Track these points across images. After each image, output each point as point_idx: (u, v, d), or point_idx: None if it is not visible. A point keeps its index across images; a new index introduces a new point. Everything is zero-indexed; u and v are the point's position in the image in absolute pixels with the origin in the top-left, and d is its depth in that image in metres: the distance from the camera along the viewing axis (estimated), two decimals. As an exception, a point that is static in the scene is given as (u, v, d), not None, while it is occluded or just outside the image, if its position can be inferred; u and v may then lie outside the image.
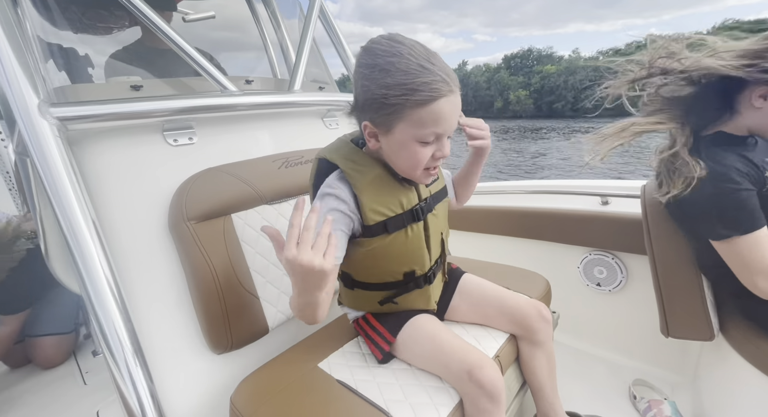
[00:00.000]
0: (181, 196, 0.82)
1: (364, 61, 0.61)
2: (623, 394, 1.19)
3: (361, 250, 0.71)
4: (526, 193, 1.63)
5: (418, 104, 0.58)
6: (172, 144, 0.91)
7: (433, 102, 0.58)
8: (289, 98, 1.12)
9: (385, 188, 0.69)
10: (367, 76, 0.61)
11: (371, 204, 0.68)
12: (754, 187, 0.77)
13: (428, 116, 0.59)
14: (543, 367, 0.86)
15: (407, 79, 0.57)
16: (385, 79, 0.58)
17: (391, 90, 0.58)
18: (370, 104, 0.62)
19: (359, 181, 0.67)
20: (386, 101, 0.59)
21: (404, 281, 0.77)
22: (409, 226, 0.72)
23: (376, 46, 0.61)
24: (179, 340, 0.81)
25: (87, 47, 1.29)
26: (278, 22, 1.67)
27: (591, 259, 1.39)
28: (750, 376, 0.82)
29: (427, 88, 0.57)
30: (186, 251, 0.80)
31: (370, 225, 0.68)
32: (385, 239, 0.70)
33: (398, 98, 0.58)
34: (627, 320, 1.33)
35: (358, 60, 0.63)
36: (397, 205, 0.70)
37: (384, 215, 0.69)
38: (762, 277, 0.77)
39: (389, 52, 0.59)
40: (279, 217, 0.99)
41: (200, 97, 0.92)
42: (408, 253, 0.74)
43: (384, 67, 0.58)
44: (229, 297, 0.81)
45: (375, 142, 0.66)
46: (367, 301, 0.81)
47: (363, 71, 0.62)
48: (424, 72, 0.57)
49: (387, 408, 0.64)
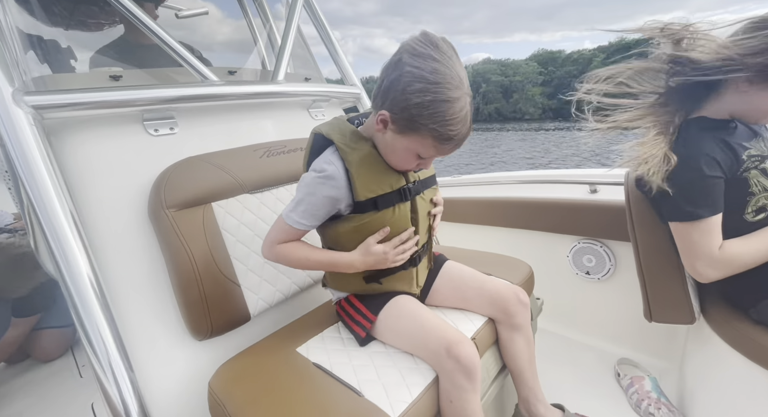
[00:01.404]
0: (160, 185, 0.83)
1: (415, 62, 0.59)
2: (612, 380, 1.19)
3: (349, 226, 0.74)
4: (516, 183, 1.63)
5: (437, 136, 0.62)
6: (153, 134, 0.91)
7: (450, 142, 0.63)
8: (272, 89, 1.13)
9: (375, 167, 0.72)
10: (411, 81, 0.59)
11: (363, 180, 0.70)
12: (724, 173, 0.77)
13: (438, 148, 0.65)
14: (522, 351, 0.86)
15: (442, 112, 0.59)
16: (426, 96, 0.59)
17: (425, 110, 0.59)
18: (398, 103, 0.61)
19: (352, 157, 0.70)
20: (415, 114, 0.60)
21: None
22: (397, 205, 0.74)
23: (431, 52, 0.59)
24: (160, 327, 0.82)
25: (72, 42, 1.30)
26: (266, 14, 1.67)
27: (580, 247, 1.38)
28: (730, 357, 0.82)
29: (453, 129, 0.61)
30: (165, 239, 0.81)
31: (361, 200, 0.71)
32: (374, 216, 0.73)
33: (427, 128, 0.61)
34: (616, 307, 1.33)
35: (408, 50, 0.60)
36: (386, 185, 0.72)
37: (374, 192, 0.71)
38: (701, 263, 0.80)
39: (440, 71, 0.59)
40: (261, 206, 1.00)
41: (181, 86, 0.93)
42: (393, 232, 0.76)
43: (429, 84, 0.58)
44: (208, 284, 0.82)
45: (382, 128, 0.67)
46: (351, 280, 0.82)
47: (411, 71, 0.59)
48: (458, 114, 0.60)
49: (359, 387, 0.65)
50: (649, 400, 1.04)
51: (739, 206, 0.79)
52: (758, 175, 0.77)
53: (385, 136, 0.68)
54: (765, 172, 0.77)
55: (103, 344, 0.68)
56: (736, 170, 0.78)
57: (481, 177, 1.77)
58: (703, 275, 0.81)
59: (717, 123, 0.83)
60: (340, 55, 1.51)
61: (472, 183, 1.74)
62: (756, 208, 0.78)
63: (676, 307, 0.94)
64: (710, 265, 0.79)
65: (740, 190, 0.78)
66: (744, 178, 0.78)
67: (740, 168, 0.78)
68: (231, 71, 1.18)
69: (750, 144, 0.80)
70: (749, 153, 0.78)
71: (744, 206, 0.79)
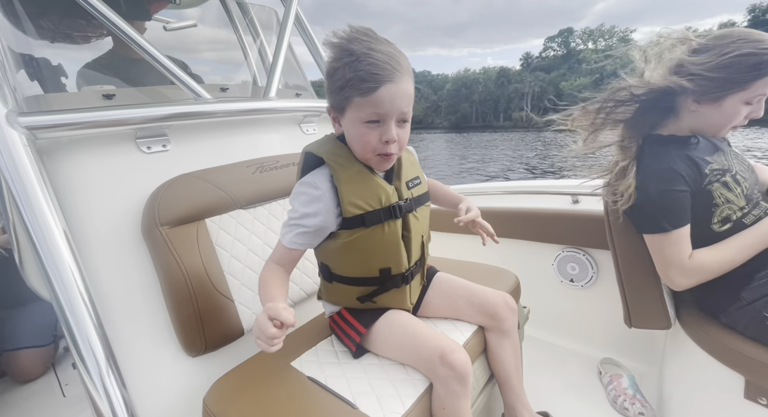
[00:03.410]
0: (153, 202, 0.83)
1: (328, 53, 0.68)
2: (596, 382, 1.23)
3: (338, 242, 0.75)
4: (503, 194, 1.68)
5: (361, 91, 0.65)
6: (146, 151, 0.92)
7: (375, 89, 0.64)
8: (264, 105, 1.15)
9: (364, 183, 0.73)
10: (328, 68, 0.69)
11: (350, 197, 0.71)
12: (688, 187, 0.83)
13: (369, 100, 0.65)
14: (509, 356, 0.90)
15: (354, 69, 0.64)
16: (337, 67, 0.66)
17: (340, 80, 0.66)
18: (329, 91, 0.70)
19: (341, 174, 0.72)
20: (339, 88, 0.67)
21: (381, 279, 0.79)
22: (387, 222, 0.75)
23: (335, 39, 0.67)
24: (153, 344, 0.83)
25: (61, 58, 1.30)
26: (256, 29, 1.70)
27: (564, 255, 1.44)
28: (703, 361, 0.87)
29: (369, 77, 0.64)
30: (159, 256, 0.81)
31: (348, 217, 0.72)
32: (363, 233, 0.73)
33: (347, 87, 0.65)
34: (598, 314, 1.38)
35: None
36: (375, 201, 0.73)
37: (362, 209, 0.72)
38: (674, 271, 0.85)
39: (344, 43, 0.66)
40: (254, 222, 1.01)
41: (173, 104, 0.94)
42: (383, 250, 0.77)
43: (337, 58, 0.66)
44: (202, 300, 0.82)
45: (338, 126, 0.74)
46: (345, 296, 0.83)
47: (326, 65, 0.70)
48: (369, 59, 0.63)
49: (354, 400, 0.67)
50: (624, 396, 1.09)
51: (705, 217, 0.85)
52: (720, 188, 0.83)
53: (344, 131, 0.73)
54: (726, 185, 0.83)
55: (96, 362, 0.68)
56: (700, 184, 0.84)
57: (469, 187, 1.81)
58: (676, 283, 0.86)
59: (680, 139, 0.89)
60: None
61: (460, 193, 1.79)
62: (721, 218, 0.84)
63: (654, 314, 0.99)
64: (682, 273, 0.84)
65: (705, 202, 0.84)
66: (708, 190, 0.83)
67: (704, 181, 0.83)
68: (223, 88, 1.20)
69: (712, 158, 0.87)
70: (711, 167, 0.84)
71: (710, 217, 0.85)
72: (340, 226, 0.74)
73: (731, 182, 0.84)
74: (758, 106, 0.82)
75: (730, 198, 0.83)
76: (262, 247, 1.00)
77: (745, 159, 0.93)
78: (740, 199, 0.83)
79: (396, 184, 0.78)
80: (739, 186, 0.84)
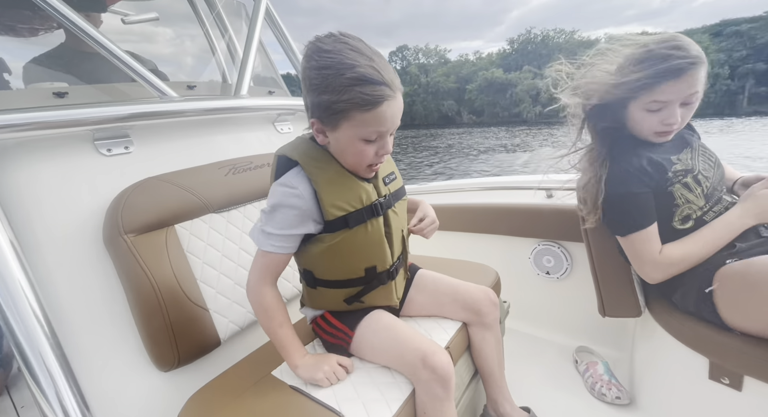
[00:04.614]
0: (116, 209, 0.78)
1: (313, 62, 0.63)
2: (574, 374, 1.28)
3: (322, 246, 0.72)
4: (480, 190, 1.71)
5: (363, 108, 0.61)
6: (106, 154, 0.86)
7: (377, 106, 0.62)
8: (235, 104, 1.10)
9: (344, 184, 0.71)
10: (315, 77, 0.63)
11: (331, 199, 0.69)
12: (651, 188, 0.88)
13: (372, 118, 0.63)
14: (492, 351, 0.91)
15: (353, 84, 0.60)
16: (332, 81, 0.60)
17: (338, 94, 0.61)
18: (318, 104, 0.64)
19: (319, 176, 0.69)
20: (334, 103, 0.62)
21: (367, 278, 0.78)
22: (369, 221, 0.73)
23: (323, 45, 0.62)
24: (120, 361, 0.77)
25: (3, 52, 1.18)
26: (224, 25, 1.62)
27: (540, 249, 1.48)
28: (670, 345, 0.92)
29: (372, 93, 0.60)
30: (123, 266, 0.76)
31: (330, 220, 0.70)
32: (346, 234, 0.72)
33: (345, 103, 0.61)
34: (573, 304, 1.43)
35: (305, 58, 0.64)
36: (357, 201, 0.71)
37: (344, 210, 0.70)
38: (649, 267, 0.89)
39: (335, 53, 0.61)
40: (228, 226, 0.97)
41: (135, 103, 0.88)
42: (368, 248, 0.75)
43: (331, 70, 0.60)
44: (173, 311, 0.78)
45: (323, 137, 0.69)
46: (331, 300, 0.81)
47: (311, 72, 0.63)
48: (369, 77, 0.60)
49: (339, 408, 0.65)
50: (601, 383, 1.14)
51: (667, 216, 0.90)
52: (681, 189, 0.88)
53: (331, 143, 0.69)
54: (687, 186, 0.88)
55: (53, 384, 0.63)
56: (662, 185, 0.88)
57: (447, 184, 1.83)
58: (651, 277, 0.91)
59: (641, 141, 0.93)
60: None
61: (438, 191, 1.80)
62: (681, 217, 0.89)
63: (625, 303, 1.04)
64: (655, 269, 0.89)
65: (667, 201, 0.89)
66: (669, 191, 0.88)
67: (666, 183, 0.88)
68: (190, 86, 1.14)
69: (678, 157, 0.91)
70: (675, 168, 0.88)
71: (671, 216, 0.89)
72: (322, 230, 0.72)
73: (692, 183, 0.88)
74: (667, 112, 0.84)
75: (690, 198, 0.88)
76: (238, 252, 0.96)
77: (713, 155, 0.97)
78: (700, 199, 0.88)
79: (374, 182, 0.76)
80: (700, 186, 0.88)
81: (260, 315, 0.74)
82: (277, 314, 0.74)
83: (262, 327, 0.75)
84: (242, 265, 0.96)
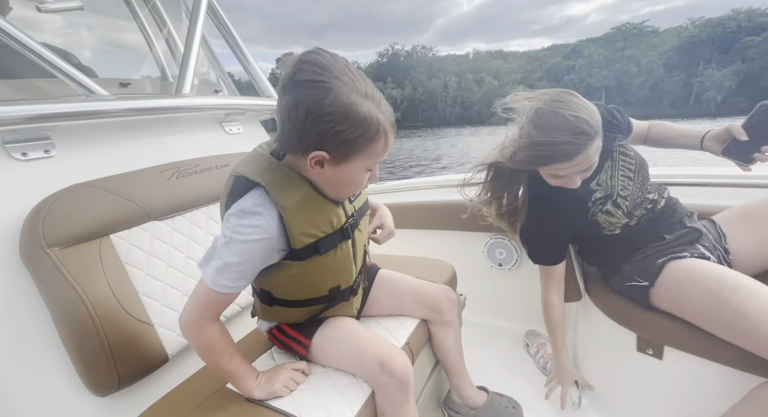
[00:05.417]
0: (35, 220, 0.69)
1: (310, 92, 0.54)
2: (526, 356, 1.37)
3: (288, 273, 0.68)
4: (435, 188, 1.76)
5: (375, 139, 0.59)
6: (21, 159, 0.76)
7: (385, 135, 0.60)
8: (177, 103, 1.03)
9: (314, 207, 0.65)
10: (316, 110, 0.54)
11: (301, 226, 0.63)
12: (575, 222, 0.99)
13: (381, 148, 0.61)
14: (452, 344, 0.95)
15: (363, 117, 0.56)
16: (340, 115, 0.55)
17: (349, 128, 0.56)
18: (323, 136, 0.56)
19: (287, 201, 0.61)
20: (346, 137, 0.57)
21: (330, 297, 0.76)
22: (340, 245, 0.70)
23: (315, 75, 0.54)
24: (48, 388, 0.69)
25: None
26: (162, 19, 1.51)
27: (492, 242, 1.56)
28: (605, 324, 1.02)
29: (378, 124, 0.58)
30: (46, 284, 0.68)
31: (298, 248, 0.64)
32: (316, 260, 0.67)
33: (358, 138, 0.57)
34: (524, 293, 1.53)
35: (295, 86, 0.55)
36: (327, 225, 0.67)
37: (314, 237, 0.65)
38: (554, 291, 1.06)
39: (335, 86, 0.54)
40: (173, 233, 0.90)
41: (56, 102, 0.79)
42: (336, 271, 0.73)
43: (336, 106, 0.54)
44: (111, 330, 0.71)
45: (319, 168, 0.61)
46: (288, 317, 0.78)
47: (310, 105, 0.54)
48: (374, 110, 0.58)
49: (299, 414, 0.64)
50: (551, 362, 1.23)
51: (596, 231, 0.99)
52: (603, 216, 0.96)
53: (324, 173, 0.62)
54: (608, 213, 0.96)
55: None
56: (585, 216, 0.97)
57: (402, 184, 1.86)
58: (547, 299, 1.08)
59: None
60: (252, 64, 1.45)
61: (393, 190, 1.83)
62: (609, 231, 0.98)
63: (568, 288, 1.13)
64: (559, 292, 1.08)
65: (594, 229, 0.98)
66: (595, 221, 0.97)
67: (588, 214, 0.97)
68: (123, 83, 1.04)
69: (598, 182, 0.95)
70: (595, 196, 0.96)
71: (601, 231, 0.99)
72: (287, 256, 0.66)
73: (612, 209, 0.95)
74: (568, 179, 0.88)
75: (613, 221, 0.96)
76: (185, 260, 0.90)
77: (633, 158, 0.98)
78: (622, 219, 0.96)
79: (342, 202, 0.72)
80: (620, 209, 0.95)
81: (205, 352, 0.67)
82: (226, 348, 0.68)
83: (207, 363, 0.69)
84: (191, 274, 0.90)
